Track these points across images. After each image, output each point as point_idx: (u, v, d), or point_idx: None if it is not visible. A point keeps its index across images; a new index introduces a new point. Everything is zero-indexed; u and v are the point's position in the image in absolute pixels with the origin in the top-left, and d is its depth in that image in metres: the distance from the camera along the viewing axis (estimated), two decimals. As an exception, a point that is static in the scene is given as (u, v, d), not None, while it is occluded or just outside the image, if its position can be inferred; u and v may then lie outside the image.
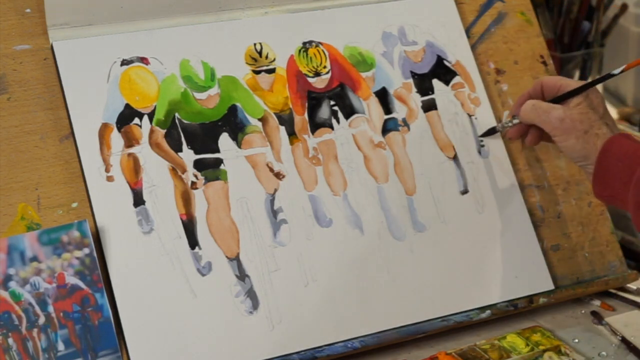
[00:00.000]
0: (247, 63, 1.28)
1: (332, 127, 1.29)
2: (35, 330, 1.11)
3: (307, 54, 1.31)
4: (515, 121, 1.28)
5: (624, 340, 1.24)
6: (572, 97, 1.21)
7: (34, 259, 1.11)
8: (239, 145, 1.24)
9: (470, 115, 1.36)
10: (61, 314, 1.11)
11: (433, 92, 1.35)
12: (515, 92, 1.40)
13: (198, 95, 1.25)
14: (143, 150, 1.20)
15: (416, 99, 1.34)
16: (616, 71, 1.22)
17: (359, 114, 1.31)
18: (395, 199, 1.28)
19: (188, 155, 1.22)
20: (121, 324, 1.14)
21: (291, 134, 1.27)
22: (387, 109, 1.33)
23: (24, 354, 1.10)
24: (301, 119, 1.28)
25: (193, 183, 1.21)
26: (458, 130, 1.35)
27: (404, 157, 1.31)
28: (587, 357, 1.22)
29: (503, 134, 1.34)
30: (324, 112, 1.30)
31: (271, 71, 1.29)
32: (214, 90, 1.26)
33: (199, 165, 1.22)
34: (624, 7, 1.82)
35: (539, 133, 1.26)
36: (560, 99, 1.22)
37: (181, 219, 1.19)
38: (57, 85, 1.21)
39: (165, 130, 1.22)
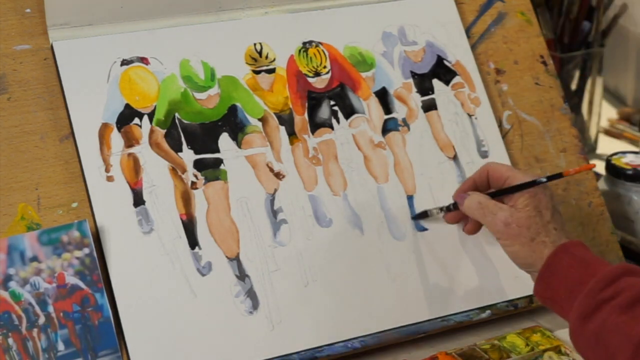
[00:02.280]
0: (247, 63, 1.29)
1: (332, 127, 1.29)
2: (35, 330, 1.11)
3: (307, 54, 1.31)
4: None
5: (624, 341, 1.24)
6: (518, 193, 1.14)
7: (34, 259, 1.11)
8: (239, 145, 1.24)
9: (470, 115, 1.36)
10: (61, 314, 1.11)
11: (433, 92, 1.36)
12: (515, 92, 1.40)
13: (198, 95, 1.25)
14: (143, 150, 1.20)
15: (416, 99, 1.34)
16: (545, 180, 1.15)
17: (359, 114, 1.31)
18: (395, 199, 1.28)
19: (188, 155, 1.22)
20: (121, 324, 1.14)
21: (291, 134, 1.27)
22: (387, 109, 1.33)
23: (24, 354, 1.10)
24: (301, 119, 1.28)
25: (193, 183, 1.21)
26: (458, 130, 1.35)
27: (404, 157, 1.31)
28: (587, 357, 1.22)
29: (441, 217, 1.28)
30: (324, 112, 1.30)
31: (271, 71, 1.29)
32: (214, 90, 1.26)
33: (199, 165, 1.22)
34: (624, 7, 1.82)
35: (478, 224, 1.23)
36: (506, 192, 1.16)
37: (181, 219, 1.19)
38: (57, 85, 1.21)
39: (165, 130, 1.22)
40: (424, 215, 1.28)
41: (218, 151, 1.23)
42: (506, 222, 1.13)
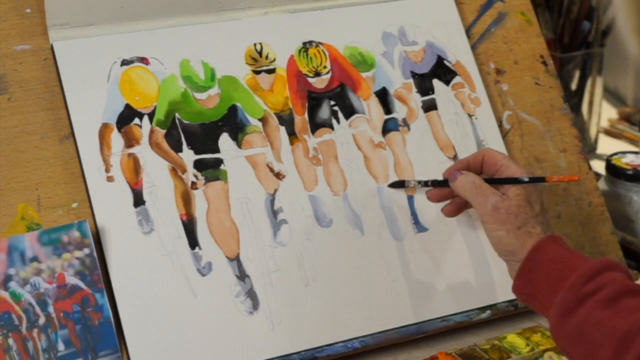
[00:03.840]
0: (247, 63, 1.28)
1: (332, 127, 1.29)
2: (36, 330, 1.10)
3: (307, 54, 1.31)
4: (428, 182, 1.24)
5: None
6: (510, 185, 1.14)
7: (34, 259, 1.11)
8: (239, 145, 1.24)
9: (470, 116, 1.36)
10: (61, 314, 1.11)
11: (433, 92, 1.36)
12: (515, 92, 1.40)
13: (198, 96, 1.25)
14: (143, 151, 1.20)
15: (416, 99, 1.34)
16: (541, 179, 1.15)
17: (359, 114, 1.31)
18: (395, 199, 1.28)
19: (188, 156, 1.22)
20: (121, 324, 1.14)
21: (291, 134, 1.27)
22: (387, 109, 1.33)
23: (24, 354, 1.10)
24: (301, 119, 1.28)
25: (193, 183, 1.21)
26: (458, 131, 1.35)
27: (404, 157, 1.31)
28: (587, 357, 1.22)
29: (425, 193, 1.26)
30: (324, 112, 1.30)
31: (271, 71, 1.29)
32: (214, 91, 1.26)
33: (199, 165, 1.22)
34: (624, 7, 1.82)
35: (459, 207, 1.22)
36: (497, 182, 1.16)
37: (181, 219, 1.19)
38: (57, 85, 1.21)
39: (165, 131, 1.22)
40: (401, 184, 1.27)
41: (218, 151, 1.23)
42: (496, 207, 1.12)
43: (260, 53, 1.29)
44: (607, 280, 1.03)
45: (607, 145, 1.84)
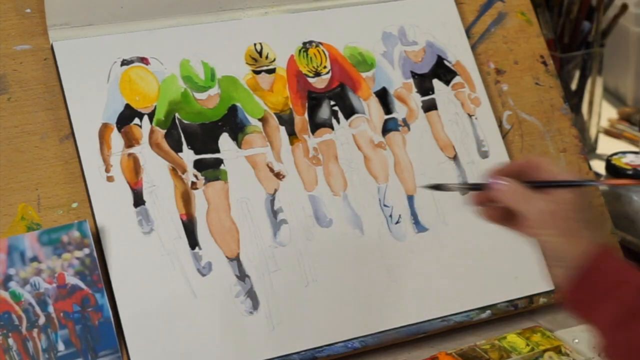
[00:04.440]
0: (247, 63, 1.28)
1: (332, 127, 1.29)
2: (36, 330, 1.11)
3: (307, 54, 1.31)
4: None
5: (624, 341, 1.24)
6: (557, 190, 1.07)
7: (34, 259, 1.11)
8: (239, 145, 1.24)
9: (470, 116, 1.36)
10: (61, 314, 1.11)
11: (433, 92, 1.36)
12: (516, 92, 1.40)
13: (198, 96, 1.25)
14: (143, 151, 1.20)
15: (416, 99, 1.34)
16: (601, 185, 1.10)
17: (359, 114, 1.31)
18: (395, 199, 1.28)
19: (188, 156, 1.22)
20: (121, 324, 1.14)
21: (291, 134, 1.27)
22: (387, 109, 1.33)
23: (24, 354, 1.10)
24: (301, 119, 1.28)
25: (193, 183, 1.21)
26: (458, 130, 1.35)
27: (404, 157, 1.31)
28: (587, 357, 1.22)
29: (462, 194, 1.19)
30: (324, 112, 1.30)
31: (271, 71, 1.29)
32: (214, 91, 1.26)
33: (199, 165, 1.22)
34: (624, 7, 1.82)
35: (503, 213, 1.11)
36: (541, 185, 1.09)
37: (181, 219, 1.19)
38: (57, 85, 1.21)
39: (165, 131, 1.22)
40: (439, 187, 1.20)
41: (218, 151, 1.23)
42: (542, 210, 1.06)
43: (260, 53, 1.29)
44: None
45: (607, 145, 1.84)
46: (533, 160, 1.12)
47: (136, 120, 1.21)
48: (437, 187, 1.20)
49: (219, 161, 1.23)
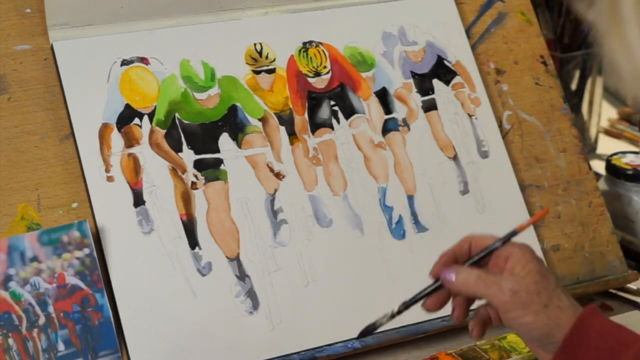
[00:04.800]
0: (247, 63, 1.28)
1: (332, 127, 1.29)
2: (36, 330, 1.10)
3: (307, 54, 1.31)
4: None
5: (624, 341, 1.24)
6: (510, 262, 0.99)
7: (34, 259, 1.11)
8: (239, 145, 1.24)
9: (470, 115, 1.36)
10: (61, 314, 1.11)
11: (433, 92, 1.35)
12: (516, 92, 1.40)
13: (198, 96, 1.25)
14: (143, 151, 1.20)
15: (416, 99, 1.34)
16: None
17: (359, 114, 1.31)
18: (395, 199, 1.28)
19: (188, 156, 1.22)
20: (121, 324, 1.14)
21: (291, 134, 1.27)
22: (387, 109, 1.33)
23: (24, 354, 1.10)
24: (301, 119, 1.28)
25: (193, 183, 1.21)
26: (458, 131, 1.35)
27: (404, 157, 1.31)
28: (587, 357, 1.22)
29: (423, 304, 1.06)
30: (324, 112, 1.30)
31: (271, 71, 1.29)
32: (214, 91, 1.26)
33: (199, 165, 1.22)
34: (624, 7, 1.82)
35: (467, 304, 1.04)
36: (477, 259, 1.02)
37: (181, 219, 1.19)
38: (57, 85, 1.21)
39: (165, 131, 1.22)
40: (372, 328, 1.05)
41: (218, 151, 1.23)
42: (514, 290, 0.97)
43: (260, 53, 1.29)
44: None
45: (607, 145, 1.84)
46: (476, 241, 1.04)
47: (136, 120, 1.21)
48: (372, 328, 1.05)
49: (219, 161, 1.23)
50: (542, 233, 1.34)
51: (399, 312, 1.05)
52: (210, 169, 1.22)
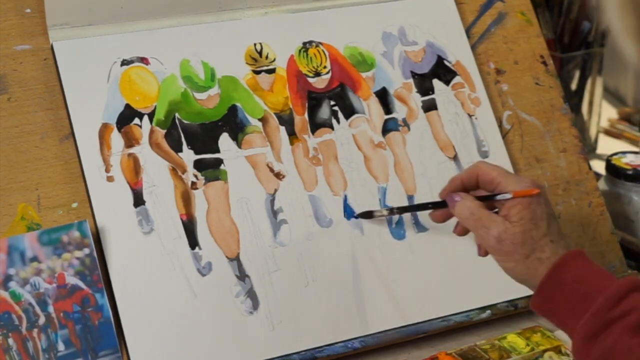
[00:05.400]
0: (247, 63, 1.28)
1: (332, 127, 1.29)
2: (36, 330, 1.10)
3: (307, 54, 1.31)
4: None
5: (624, 341, 1.24)
6: (511, 201, 1.05)
7: (34, 259, 1.11)
8: (239, 145, 1.24)
9: (470, 115, 1.36)
10: (61, 314, 1.11)
11: (433, 92, 1.36)
12: (516, 92, 1.40)
13: (198, 96, 1.25)
14: (143, 151, 1.20)
15: (416, 99, 1.34)
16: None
17: (359, 114, 1.31)
18: (395, 199, 1.28)
19: (188, 156, 1.22)
20: (121, 324, 1.14)
21: (291, 134, 1.27)
22: (387, 109, 1.33)
23: (24, 354, 1.10)
24: (301, 119, 1.28)
25: (193, 183, 1.21)
26: (458, 130, 1.35)
27: (404, 157, 1.31)
28: (587, 357, 1.22)
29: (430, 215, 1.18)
30: (324, 112, 1.30)
31: (271, 71, 1.29)
32: (214, 91, 1.26)
33: (199, 165, 1.22)
34: (624, 7, 1.82)
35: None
36: (489, 199, 1.08)
37: (181, 219, 1.19)
38: (57, 85, 1.21)
39: (165, 131, 1.22)
40: (369, 215, 1.25)
41: (218, 151, 1.23)
42: (499, 239, 1.04)
43: (260, 53, 1.29)
44: (635, 304, 0.96)
45: (607, 145, 1.84)
46: (484, 171, 1.10)
47: (136, 120, 1.21)
48: (368, 215, 1.25)
49: (219, 161, 1.23)
50: (542, 233, 1.34)
51: (399, 210, 1.21)
52: (210, 169, 1.22)
